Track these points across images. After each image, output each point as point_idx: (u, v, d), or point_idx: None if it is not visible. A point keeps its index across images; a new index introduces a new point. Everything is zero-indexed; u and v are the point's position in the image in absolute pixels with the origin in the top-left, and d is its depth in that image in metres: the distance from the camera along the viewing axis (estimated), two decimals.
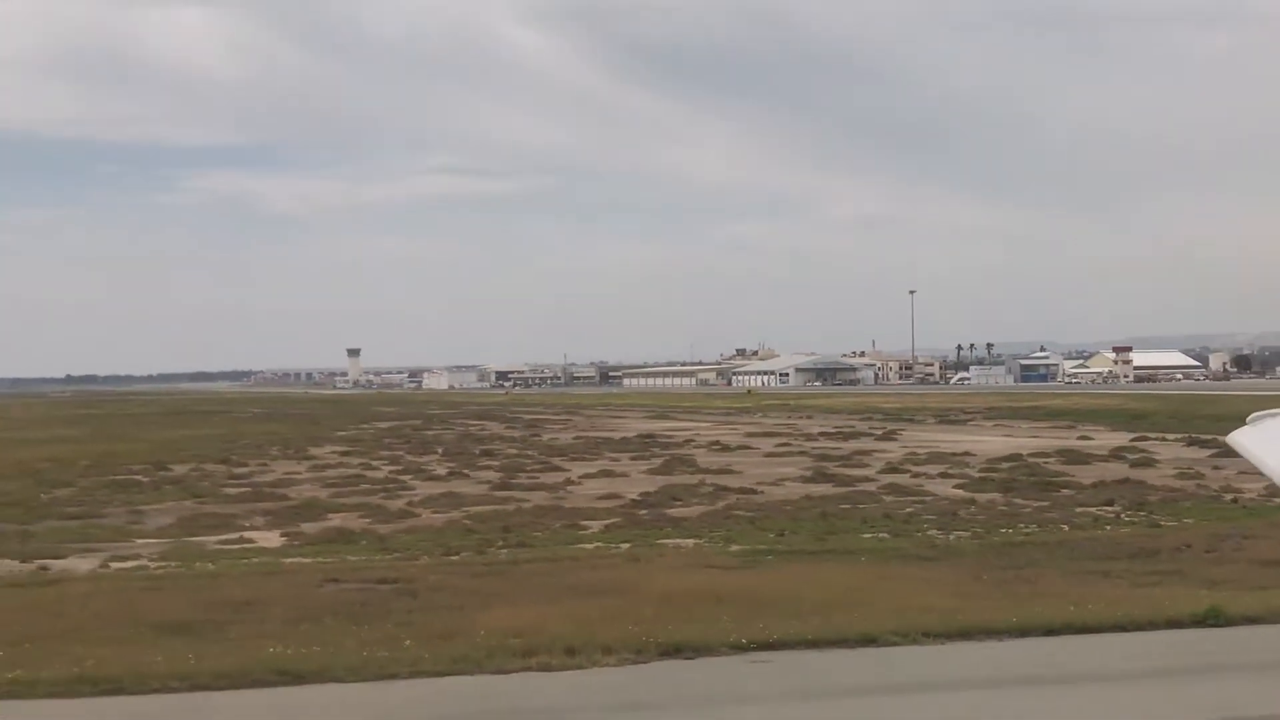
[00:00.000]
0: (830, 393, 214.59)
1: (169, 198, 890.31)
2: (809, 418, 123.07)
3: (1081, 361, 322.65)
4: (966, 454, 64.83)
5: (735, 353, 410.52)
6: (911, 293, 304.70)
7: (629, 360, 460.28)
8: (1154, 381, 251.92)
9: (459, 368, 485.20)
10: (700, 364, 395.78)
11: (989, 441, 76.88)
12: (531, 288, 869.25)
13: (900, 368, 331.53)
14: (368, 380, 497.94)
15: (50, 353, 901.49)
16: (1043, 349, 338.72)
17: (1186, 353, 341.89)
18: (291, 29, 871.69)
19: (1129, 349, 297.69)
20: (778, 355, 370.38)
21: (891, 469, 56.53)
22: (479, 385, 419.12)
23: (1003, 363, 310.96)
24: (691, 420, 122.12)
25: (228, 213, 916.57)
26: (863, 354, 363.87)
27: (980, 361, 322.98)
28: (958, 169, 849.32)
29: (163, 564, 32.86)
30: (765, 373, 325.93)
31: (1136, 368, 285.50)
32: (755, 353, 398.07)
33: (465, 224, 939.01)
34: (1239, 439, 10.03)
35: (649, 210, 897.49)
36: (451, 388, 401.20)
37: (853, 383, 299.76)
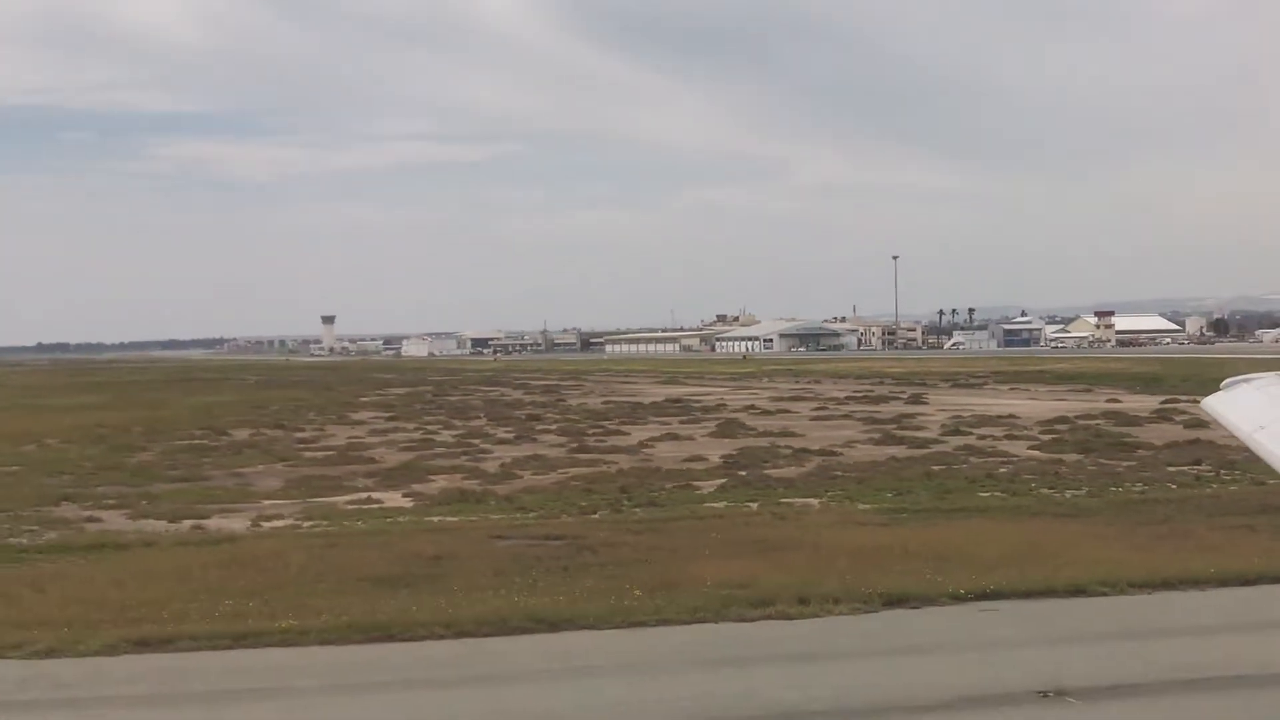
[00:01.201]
0: (828, 357, 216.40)
1: (138, 165, 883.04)
2: (817, 382, 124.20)
3: (1062, 326, 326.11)
4: (1012, 416, 66.21)
5: (716, 319, 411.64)
6: (895, 258, 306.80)
7: (604, 327, 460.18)
8: (1138, 345, 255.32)
9: (434, 335, 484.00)
10: (681, 330, 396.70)
11: (1023, 405, 78.30)
12: (503, 255, 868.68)
13: (883, 333, 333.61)
14: (343, 347, 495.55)
15: (17, 321, 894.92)
16: (1023, 313, 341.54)
17: (1161, 316, 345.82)
18: None
19: (1111, 313, 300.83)
20: (759, 321, 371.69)
21: (954, 431, 57.75)
22: (459, 352, 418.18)
23: (985, 327, 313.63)
24: (704, 385, 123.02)
25: (197, 180, 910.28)
26: (844, 319, 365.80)
27: (961, 326, 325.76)
28: (927, 135, 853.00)
29: (314, 523, 33.75)
30: (749, 339, 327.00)
31: (1118, 332, 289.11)
32: (736, 319, 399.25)
33: (437, 191, 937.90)
34: (1213, 404, 10.12)
35: (621, 176, 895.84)
36: (431, 355, 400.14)
37: (836, 348, 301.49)
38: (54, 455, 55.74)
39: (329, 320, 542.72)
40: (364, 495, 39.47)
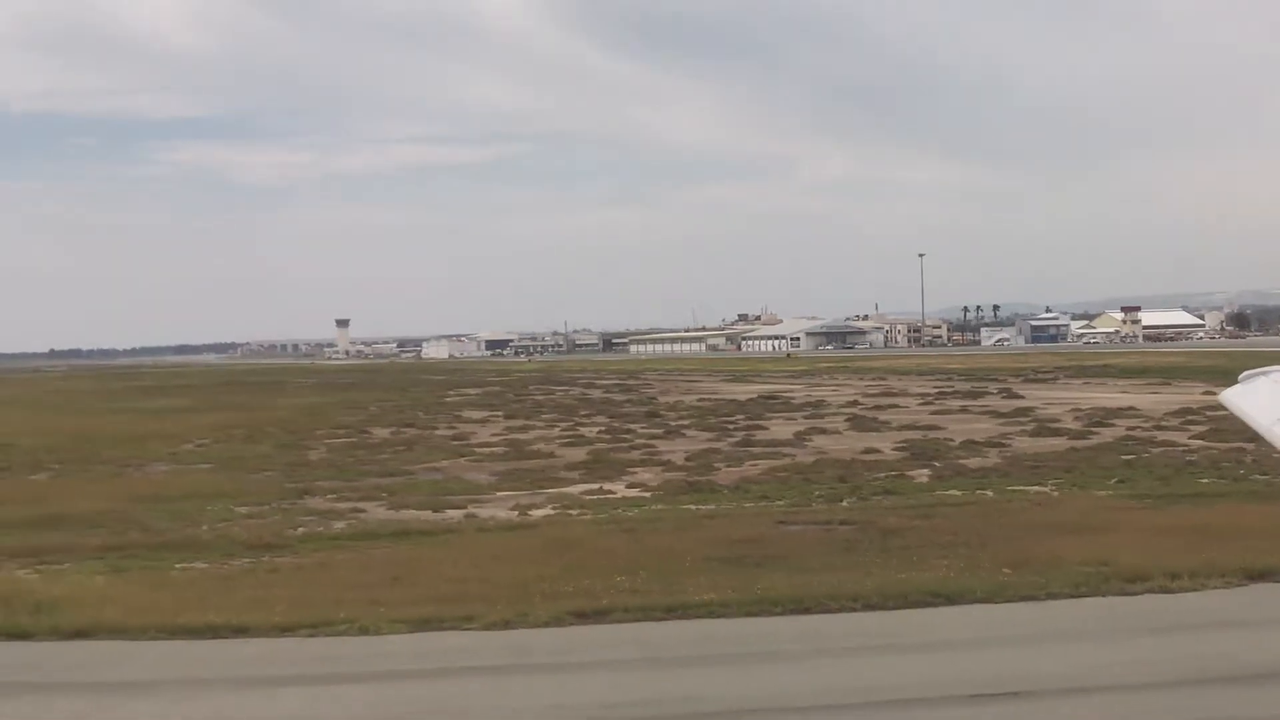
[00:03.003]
0: (875, 355, 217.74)
1: (145, 170, 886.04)
2: (883, 379, 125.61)
3: (1087, 322, 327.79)
4: (1131, 408, 67.79)
5: (738, 318, 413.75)
6: (921, 256, 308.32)
7: (616, 327, 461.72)
8: (1166, 340, 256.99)
9: (449, 337, 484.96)
10: (704, 329, 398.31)
11: (1129, 398, 79.79)
12: (511, 256, 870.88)
13: (908, 330, 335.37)
14: (358, 350, 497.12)
15: (29, 327, 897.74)
16: (1048, 310, 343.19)
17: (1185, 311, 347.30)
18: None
19: (1138, 309, 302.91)
20: (781, 321, 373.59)
21: (1097, 423, 59.30)
22: (479, 354, 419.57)
23: (1012, 324, 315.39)
24: (774, 382, 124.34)
25: (203, 184, 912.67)
26: (866, 317, 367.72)
27: (986, 323, 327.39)
28: (932, 132, 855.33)
29: (580, 511, 35.41)
30: (776, 337, 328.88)
31: (1145, 327, 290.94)
32: (758, 318, 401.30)
33: (442, 193, 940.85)
34: (1231, 397, 10.16)
35: (628, 176, 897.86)
36: (451, 356, 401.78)
37: (863, 346, 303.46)
38: (227, 454, 57.28)
39: (343, 324, 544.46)
40: (595, 486, 41.06)
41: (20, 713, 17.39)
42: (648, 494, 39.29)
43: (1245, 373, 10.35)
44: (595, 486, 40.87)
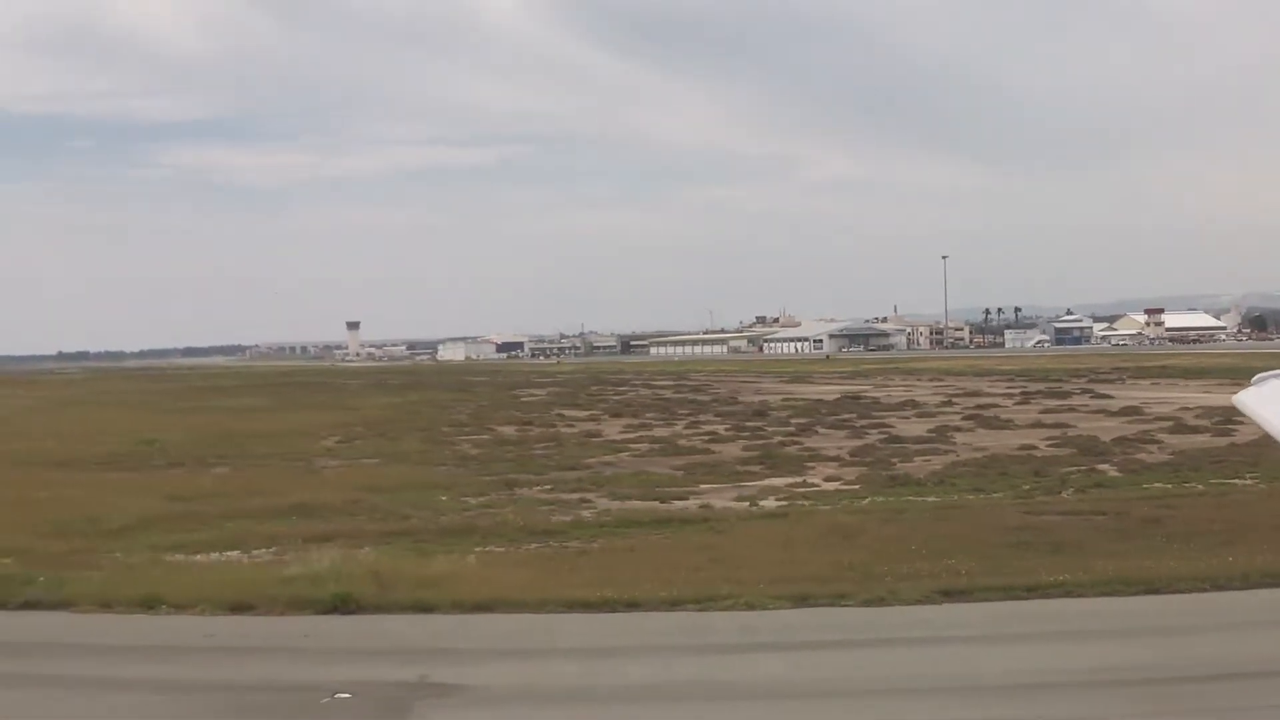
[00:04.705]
0: (910, 356, 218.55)
1: (148, 172, 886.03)
2: (939, 379, 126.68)
3: (1109, 324, 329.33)
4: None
5: (756, 320, 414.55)
6: (944, 257, 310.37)
7: (624, 328, 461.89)
8: (1191, 342, 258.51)
9: (464, 339, 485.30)
10: (723, 331, 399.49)
11: (1212, 398, 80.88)
12: (516, 258, 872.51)
13: (930, 332, 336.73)
14: (368, 353, 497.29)
15: (36, 330, 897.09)
16: (1069, 311, 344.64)
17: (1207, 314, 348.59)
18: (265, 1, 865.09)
19: (1161, 310, 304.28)
20: (800, 323, 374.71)
21: (1223, 421, 60.46)
22: (495, 356, 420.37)
23: (1036, 325, 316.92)
24: (835, 383, 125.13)
25: (206, 186, 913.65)
26: (885, 319, 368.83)
27: (1009, 325, 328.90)
28: (933, 132, 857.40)
29: (810, 503, 36.72)
30: (798, 339, 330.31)
31: (1168, 329, 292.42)
32: (776, 320, 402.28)
33: (445, 194, 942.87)
34: (1245, 400, 10.05)
35: (631, 177, 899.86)
36: (468, 359, 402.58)
37: (885, 348, 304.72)
38: (380, 450, 58.51)
39: (354, 326, 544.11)
40: (792, 480, 42.35)
41: (527, 673, 18.69)
42: (854, 486, 40.50)
43: (1259, 375, 10.27)
44: (795, 480, 42.12)
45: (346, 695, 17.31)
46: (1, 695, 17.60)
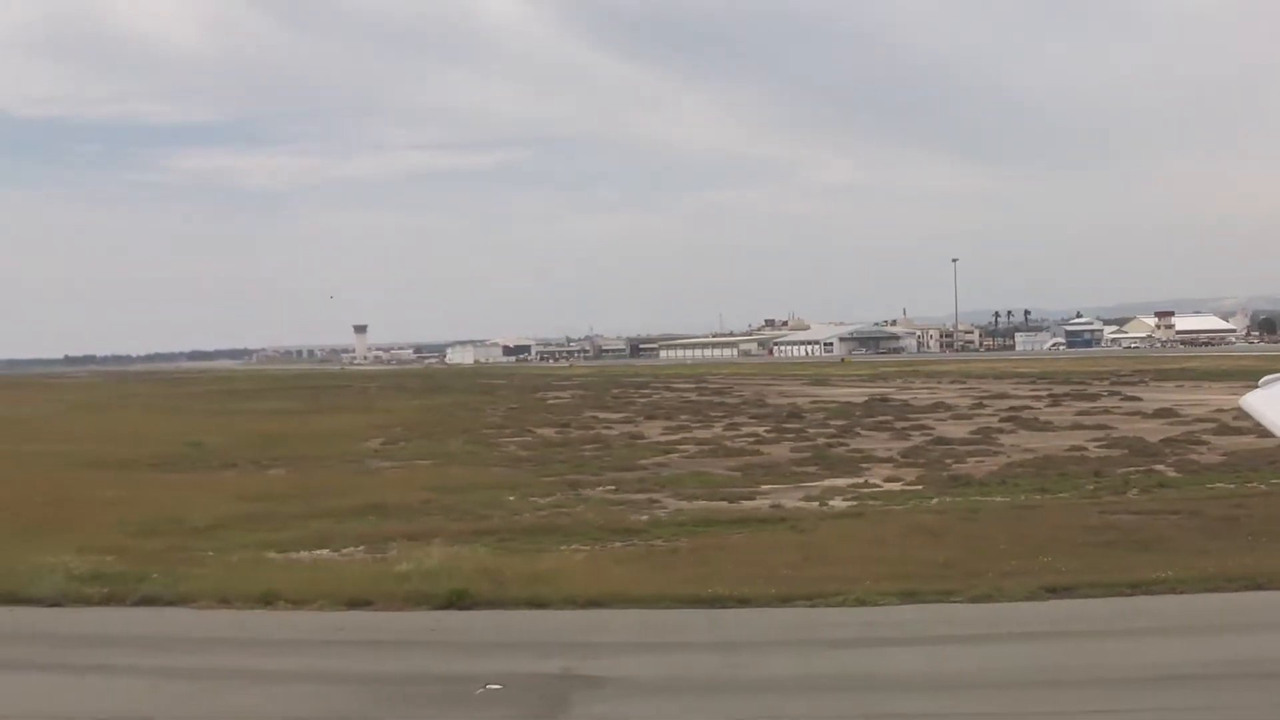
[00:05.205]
0: (925, 359, 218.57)
1: (153, 176, 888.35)
2: (962, 381, 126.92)
3: (1118, 327, 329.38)
4: None
5: (764, 323, 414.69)
6: (954, 260, 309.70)
7: (630, 331, 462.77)
8: (1203, 345, 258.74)
9: (472, 342, 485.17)
10: (731, 334, 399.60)
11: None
12: (520, 261, 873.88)
13: (940, 335, 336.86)
14: (375, 356, 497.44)
15: (42, 333, 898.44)
16: (1079, 314, 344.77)
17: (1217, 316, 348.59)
18: (268, 4, 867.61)
19: (1171, 313, 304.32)
20: (809, 326, 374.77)
21: None
22: (505, 359, 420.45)
23: (1044, 329, 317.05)
24: (857, 386, 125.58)
25: (209, 190, 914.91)
26: (894, 322, 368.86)
27: (1018, 328, 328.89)
28: (935, 134, 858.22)
29: (880, 503, 37.06)
30: (808, 342, 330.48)
31: (1178, 332, 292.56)
32: (785, 323, 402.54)
33: (449, 198, 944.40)
34: (1252, 402, 9.94)
35: (634, 180, 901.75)
36: (477, 362, 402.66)
37: (895, 351, 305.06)
38: (430, 451, 58.88)
39: (361, 329, 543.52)
40: (859, 480, 42.71)
41: (667, 665, 19.04)
42: (918, 487, 40.84)
43: (1266, 377, 10.27)
44: (856, 481, 42.49)
45: (497, 686, 17.66)
46: (166, 688, 17.96)
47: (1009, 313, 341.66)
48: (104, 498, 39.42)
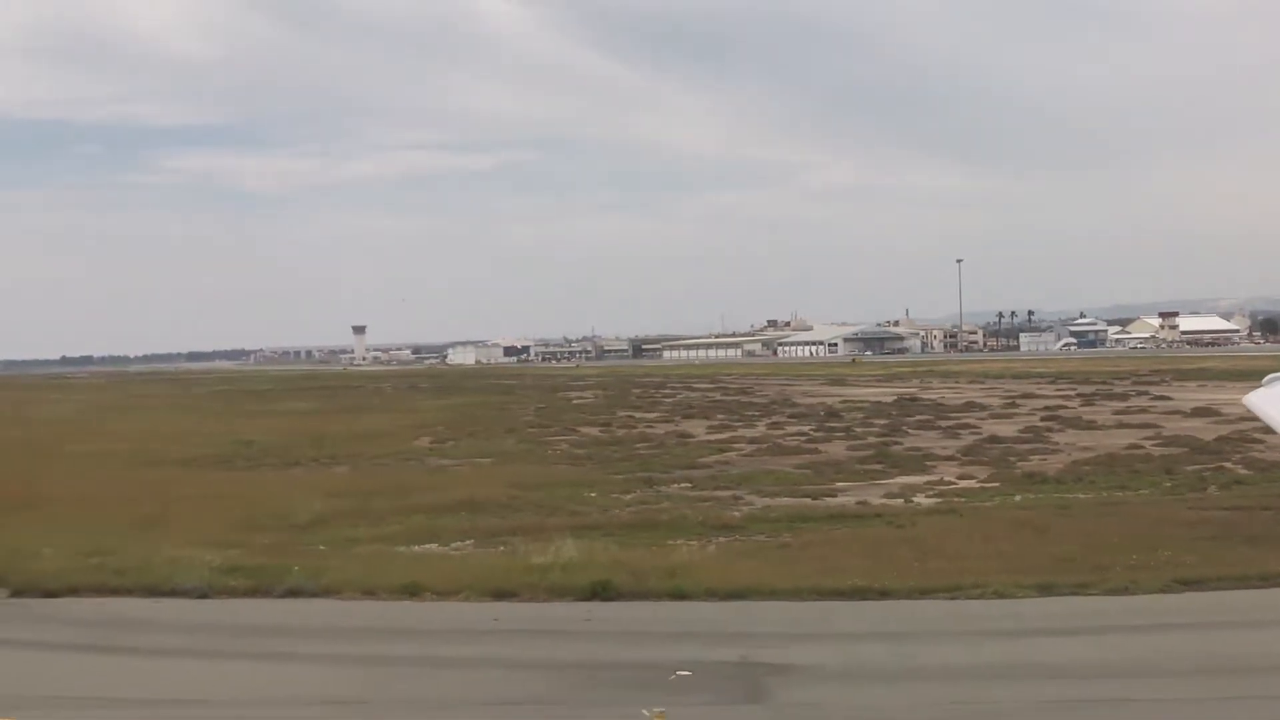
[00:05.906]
0: (934, 360, 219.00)
1: (151, 177, 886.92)
2: (979, 382, 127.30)
3: (1122, 327, 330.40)
4: None
5: (767, 324, 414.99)
6: (959, 261, 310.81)
7: (631, 332, 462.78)
8: (1206, 345, 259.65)
9: (473, 343, 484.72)
10: (734, 335, 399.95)
11: None
12: (519, 263, 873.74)
13: (944, 336, 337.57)
14: (374, 357, 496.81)
15: (39, 334, 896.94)
16: (1082, 314, 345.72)
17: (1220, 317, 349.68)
18: (267, 6, 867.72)
19: (1175, 314, 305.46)
20: (812, 326, 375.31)
21: None
22: (505, 360, 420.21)
23: (1049, 329, 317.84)
24: (877, 385, 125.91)
25: (208, 191, 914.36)
26: (897, 323, 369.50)
27: (1022, 328, 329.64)
28: (936, 136, 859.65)
29: (965, 500, 37.47)
30: (813, 343, 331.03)
31: (1183, 332, 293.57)
32: (788, 324, 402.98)
33: (449, 200, 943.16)
34: (1255, 400, 10.31)
35: (633, 182, 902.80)
36: (478, 363, 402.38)
37: (900, 352, 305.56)
38: (485, 450, 59.17)
39: (360, 330, 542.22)
40: (933, 478, 43.11)
41: (839, 654, 19.43)
42: (994, 484, 41.25)
43: (1269, 376, 10.56)
44: (931, 479, 42.90)
45: (687, 673, 18.01)
46: (350, 674, 18.33)
47: (1012, 313, 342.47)
48: (193, 495, 39.73)
